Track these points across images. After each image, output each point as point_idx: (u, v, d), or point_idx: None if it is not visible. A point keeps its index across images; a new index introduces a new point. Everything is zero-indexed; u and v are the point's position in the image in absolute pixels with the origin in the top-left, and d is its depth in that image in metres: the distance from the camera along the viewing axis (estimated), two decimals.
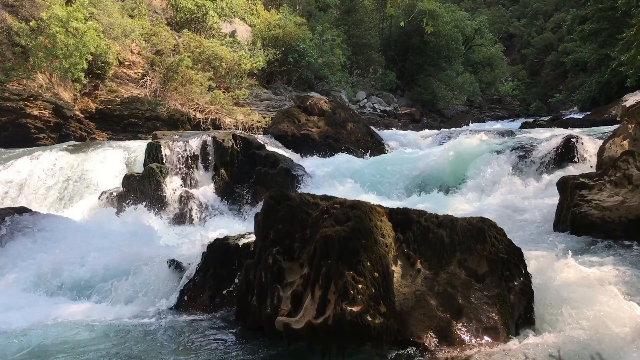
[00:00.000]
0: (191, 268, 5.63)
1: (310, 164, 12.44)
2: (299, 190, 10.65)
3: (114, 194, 10.96)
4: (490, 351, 3.79)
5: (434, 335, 3.92)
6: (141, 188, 10.73)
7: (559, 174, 9.00)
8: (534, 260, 4.82)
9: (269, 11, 26.31)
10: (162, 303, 5.55)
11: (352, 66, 28.77)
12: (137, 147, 12.74)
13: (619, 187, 6.47)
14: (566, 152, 10.00)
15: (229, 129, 17.25)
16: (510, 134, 13.80)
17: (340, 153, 13.30)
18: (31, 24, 14.95)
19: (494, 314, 4.06)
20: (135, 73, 18.79)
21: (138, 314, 5.23)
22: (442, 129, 18.72)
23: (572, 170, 9.34)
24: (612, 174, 6.57)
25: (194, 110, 18.45)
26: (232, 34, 22.92)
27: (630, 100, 16.87)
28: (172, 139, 11.64)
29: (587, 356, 3.64)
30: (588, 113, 23.35)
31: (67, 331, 4.81)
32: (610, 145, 8.00)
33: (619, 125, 8.79)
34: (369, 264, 3.83)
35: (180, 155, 11.27)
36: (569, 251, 4.96)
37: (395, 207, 4.56)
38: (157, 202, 10.63)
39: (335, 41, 25.88)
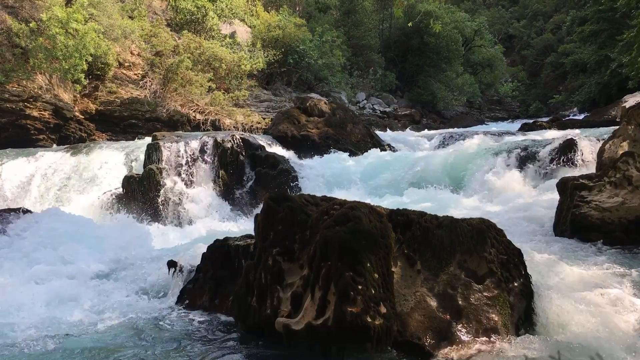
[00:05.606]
0: (191, 269, 5.63)
1: (310, 164, 12.43)
2: (299, 191, 10.65)
3: (114, 194, 10.96)
4: (490, 352, 3.79)
5: (433, 336, 3.92)
6: (141, 189, 10.73)
7: (558, 174, 9.01)
8: (534, 261, 4.82)
9: (268, 12, 26.34)
10: (161, 304, 5.54)
11: (352, 67, 28.78)
12: (137, 148, 12.73)
13: (619, 188, 6.47)
14: (566, 153, 10.01)
15: (229, 130, 17.24)
16: (510, 135, 13.81)
17: (340, 152, 13.19)
18: (31, 25, 14.95)
19: (493, 315, 4.06)
20: (135, 74, 18.79)
21: (137, 314, 5.22)
22: (442, 130, 18.70)
23: (571, 171, 9.34)
24: (612, 175, 6.57)
25: (194, 111, 18.45)
26: (232, 35, 22.94)
27: (630, 101, 16.87)
28: (172, 140, 11.63)
29: (587, 357, 3.64)
30: (587, 114, 23.34)
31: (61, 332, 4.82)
32: (610, 146, 7.99)
33: (618, 126, 8.79)
34: (368, 265, 3.83)
35: (180, 157, 11.27)
36: (569, 252, 4.95)
37: (395, 208, 4.56)
38: (157, 203, 10.63)
39: (335, 42, 25.90)
